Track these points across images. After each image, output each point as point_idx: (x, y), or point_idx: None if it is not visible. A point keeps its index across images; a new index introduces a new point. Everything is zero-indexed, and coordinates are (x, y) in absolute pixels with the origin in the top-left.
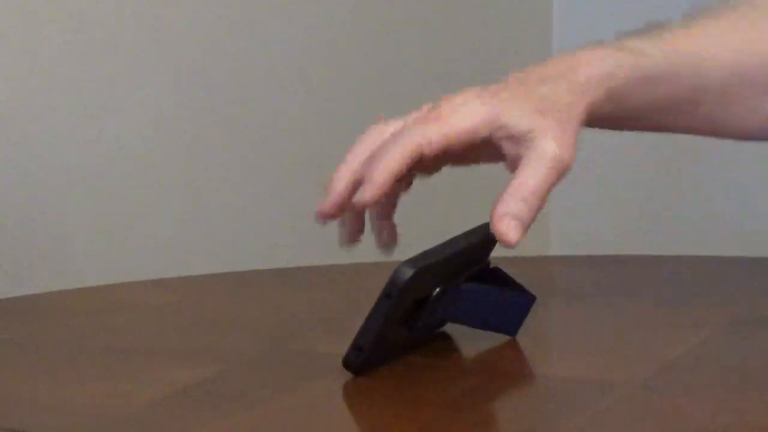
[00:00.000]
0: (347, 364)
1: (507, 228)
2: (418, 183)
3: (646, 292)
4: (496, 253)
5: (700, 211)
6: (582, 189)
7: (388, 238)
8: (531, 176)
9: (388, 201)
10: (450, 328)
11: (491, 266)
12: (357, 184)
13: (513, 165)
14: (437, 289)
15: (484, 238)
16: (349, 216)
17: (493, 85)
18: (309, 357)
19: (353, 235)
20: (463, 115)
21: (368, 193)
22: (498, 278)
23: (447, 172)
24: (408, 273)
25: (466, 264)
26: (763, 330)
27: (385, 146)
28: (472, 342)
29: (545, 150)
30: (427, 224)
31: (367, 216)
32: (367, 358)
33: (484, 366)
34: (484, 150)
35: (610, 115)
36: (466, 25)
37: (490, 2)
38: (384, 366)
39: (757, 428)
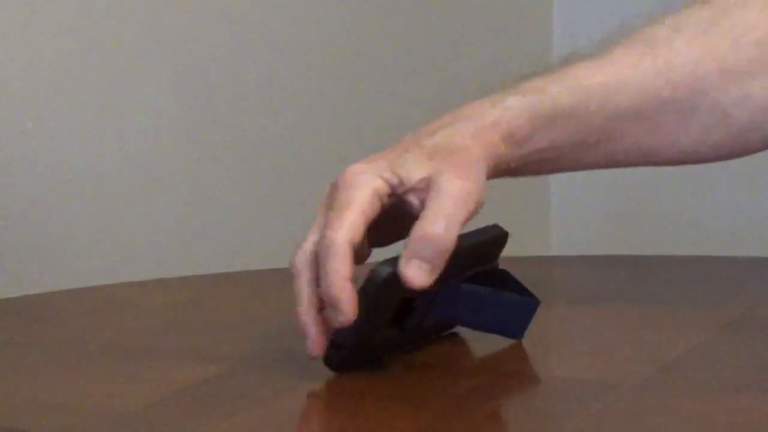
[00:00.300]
0: (326, 361)
1: (413, 274)
2: None
3: (646, 292)
4: None
5: (700, 211)
6: (582, 190)
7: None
8: (435, 213)
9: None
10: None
11: (499, 267)
12: (320, 308)
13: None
14: (426, 289)
15: (489, 239)
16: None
17: (384, 150)
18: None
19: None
20: (362, 184)
21: (344, 317)
22: (505, 280)
23: None
24: (385, 271)
25: (467, 264)
26: (763, 330)
27: (323, 264)
28: (473, 342)
29: (447, 186)
30: None
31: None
32: (347, 356)
33: (484, 366)
34: (405, 218)
35: (522, 160)
36: (466, 25)
37: (490, 2)
38: (384, 366)
39: (757, 428)
